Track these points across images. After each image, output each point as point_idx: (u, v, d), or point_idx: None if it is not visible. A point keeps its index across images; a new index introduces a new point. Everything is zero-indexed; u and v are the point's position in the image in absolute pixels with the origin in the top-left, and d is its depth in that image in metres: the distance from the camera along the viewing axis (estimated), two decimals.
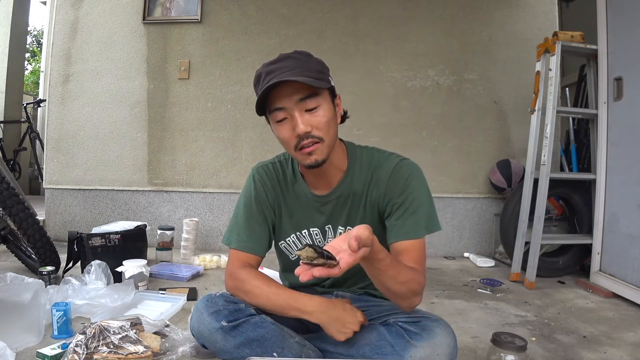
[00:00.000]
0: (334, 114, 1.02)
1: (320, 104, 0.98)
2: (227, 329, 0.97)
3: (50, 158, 3.02)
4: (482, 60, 2.92)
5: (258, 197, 1.12)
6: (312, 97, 0.96)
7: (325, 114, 0.98)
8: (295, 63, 0.97)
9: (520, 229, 2.33)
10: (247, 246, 1.10)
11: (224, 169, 2.95)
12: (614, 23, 2.14)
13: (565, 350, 1.42)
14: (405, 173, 1.05)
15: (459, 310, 1.80)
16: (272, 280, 1.06)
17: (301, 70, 0.96)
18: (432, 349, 0.89)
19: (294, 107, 0.96)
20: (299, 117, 0.96)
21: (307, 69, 0.97)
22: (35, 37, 11.15)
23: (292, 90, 0.95)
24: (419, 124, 2.93)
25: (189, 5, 2.96)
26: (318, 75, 0.98)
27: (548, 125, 2.24)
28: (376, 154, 1.11)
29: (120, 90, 2.98)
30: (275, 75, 0.95)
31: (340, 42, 2.93)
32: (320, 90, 0.98)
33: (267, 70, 0.98)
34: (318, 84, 0.95)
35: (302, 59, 0.99)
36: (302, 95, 0.96)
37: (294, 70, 0.95)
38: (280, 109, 0.97)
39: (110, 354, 1.08)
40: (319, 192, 1.11)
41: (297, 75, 0.94)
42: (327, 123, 0.98)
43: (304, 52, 1.02)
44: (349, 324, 0.96)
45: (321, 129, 0.98)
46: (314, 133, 0.97)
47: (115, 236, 2.07)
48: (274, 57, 1.00)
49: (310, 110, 0.97)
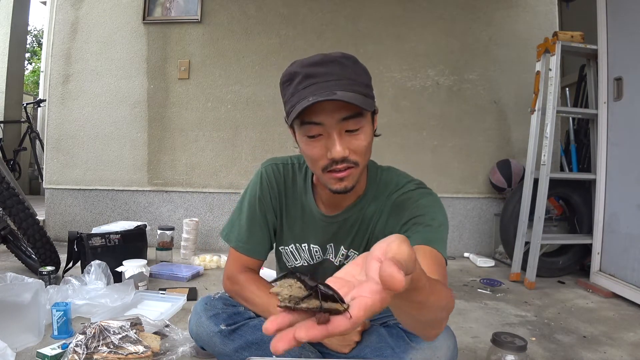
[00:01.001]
0: (373, 135, 0.90)
1: (363, 125, 0.84)
2: (226, 332, 0.96)
3: (50, 158, 3.02)
4: (482, 60, 2.92)
5: (262, 198, 1.05)
6: (356, 117, 0.82)
7: (366, 138, 0.86)
8: (342, 72, 0.82)
9: (520, 229, 2.33)
10: (247, 248, 1.05)
11: (224, 169, 2.95)
12: (614, 23, 2.14)
13: (565, 350, 1.42)
14: (419, 195, 0.94)
15: (459, 311, 1.80)
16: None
17: (349, 83, 0.81)
18: (432, 351, 0.89)
19: (335, 126, 0.82)
20: (338, 139, 0.82)
21: (355, 82, 0.82)
22: (35, 37, 11.15)
23: (335, 107, 0.80)
24: (419, 124, 2.92)
25: (189, 5, 2.96)
26: (366, 91, 0.84)
27: (548, 125, 2.24)
28: (395, 178, 1.00)
29: (120, 90, 2.98)
30: (317, 83, 0.81)
31: (340, 42, 2.92)
32: (366, 111, 0.83)
33: (306, 72, 0.82)
34: (367, 104, 0.81)
35: (350, 67, 0.84)
36: (346, 115, 0.81)
37: (340, 81, 0.81)
38: (316, 124, 0.83)
39: (110, 354, 1.08)
40: (327, 211, 1.01)
41: (346, 88, 0.80)
42: (367, 147, 0.87)
43: (352, 56, 0.86)
44: (350, 336, 0.94)
45: (359, 153, 0.85)
46: (351, 158, 0.84)
47: (115, 236, 2.07)
48: (314, 55, 0.85)
49: (351, 132, 0.84)
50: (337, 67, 0.82)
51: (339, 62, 0.83)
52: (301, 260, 1.07)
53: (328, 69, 0.82)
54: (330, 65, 0.82)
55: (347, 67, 0.83)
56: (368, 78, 0.88)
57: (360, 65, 0.87)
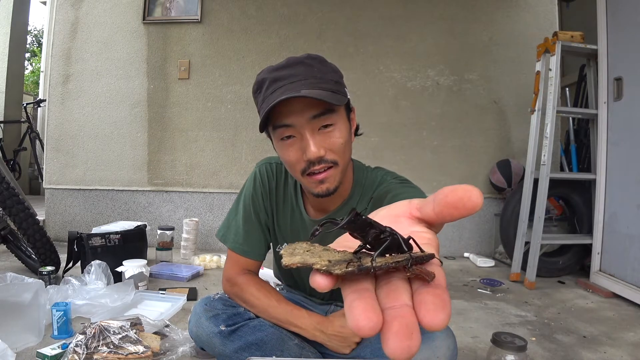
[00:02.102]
0: (350, 132, 0.88)
1: (336, 121, 0.83)
2: (226, 333, 0.96)
3: (50, 158, 3.02)
4: (482, 60, 2.92)
5: (255, 198, 1.04)
6: (327, 114, 0.82)
7: (341, 134, 0.84)
8: (307, 71, 0.82)
9: (520, 229, 2.33)
10: (244, 249, 1.04)
11: (224, 169, 2.95)
12: (614, 23, 2.14)
13: (565, 350, 1.42)
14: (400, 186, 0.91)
15: (459, 311, 1.80)
16: (271, 290, 1.02)
17: (315, 81, 0.81)
18: (432, 351, 0.89)
19: (305, 125, 0.81)
20: (311, 139, 0.81)
21: (322, 80, 0.82)
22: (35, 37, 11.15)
23: (304, 105, 0.80)
24: (419, 124, 2.93)
25: (189, 5, 2.96)
26: (335, 88, 0.83)
27: (548, 125, 2.24)
28: (379, 177, 0.97)
29: (120, 90, 2.98)
30: (283, 85, 0.81)
31: (340, 42, 2.93)
32: (337, 107, 0.83)
33: (272, 77, 0.83)
34: (336, 99, 0.80)
35: (316, 66, 0.84)
36: (315, 112, 0.81)
37: (306, 80, 0.81)
38: (287, 125, 0.82)
39: (110, 354, 1.08)
40: (314, 214, 1.00)
41: (311, 87, 0.79)
42: (344, 144, 0.84)
43: (318, 56, 0.87)
44: (350, 337, 0.94)
45: (336, 151, 0.84)
46: (328, 157, 0.83)
47: (115, 236, 2.07)
48: (281, 61, 0.85)
49: (325, 129, 0.83)
50: (303, 67, 0.82)
51: (305, 63, 0.83)
52: None
53: (293, 71, 0.82)
54: (296, 67, 0.82)
55: (312, 67, 0.83)
56: (338, 75, 0.87)
57: (328, 65, 0.87)
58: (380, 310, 0.26)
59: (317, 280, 0.29)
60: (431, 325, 0.25)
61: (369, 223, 0.30)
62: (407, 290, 0.28)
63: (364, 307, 0.26)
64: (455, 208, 0.31)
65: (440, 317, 0.25)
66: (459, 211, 0.31)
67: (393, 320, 0.25)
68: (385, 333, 0.25)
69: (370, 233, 0.31)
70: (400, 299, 0.27)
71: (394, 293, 0.27)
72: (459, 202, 0.31)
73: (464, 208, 0.31)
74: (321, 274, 0.28)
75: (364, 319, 0.25)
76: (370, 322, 0.25)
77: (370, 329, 0.25)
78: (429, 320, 0.25)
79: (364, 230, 0.31)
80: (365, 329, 0.25)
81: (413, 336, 0.25)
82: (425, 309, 0.26)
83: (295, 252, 0.32)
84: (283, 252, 0.32)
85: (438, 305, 0.26)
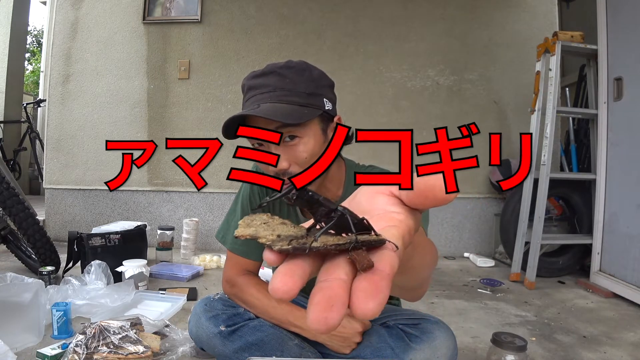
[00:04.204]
0: (322, 144, 0.86)
1: (303, 135, 0.83)
2: (226, 333, 0.96)
3: (50, 158, 3.02)
4: (482, 60, 2.92)
5: (252, 197, 1.04)
6: (289, 126, 0.81)
7: (306, 148, 0.83)
8: (278, 82, 0.82)
9: (520, 229, 2.33)
10: (243, 250, 1.04)
11: (224, 169, 2.94)
12: (614, 23, 2.14)
13: (565, 350, 1.42)
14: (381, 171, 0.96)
15: (459, 311, 1.80)
16: None
17: (283, 94, 0.81)
18: (432, 351, 0.89)
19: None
20: (274, 151, 0.80)
21: (292, 92, 0.82)
22: (35, 37, 11.15)
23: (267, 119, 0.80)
24: (419, 124, 2.92)
25: (189, 5, 2.96)
26: (304, 100, 0.83)
27: (548, 125, 2.24)
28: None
29: (120, 90, 2.98)
30: (253, 96, 0.83)
31: (340, 42, 2.93)
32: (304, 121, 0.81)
33: (249, 84, 0.86)
34: (297, 116, 0.79)
35: (290, 77, 0.83)
36: (277, 124, 0.80)
37: (274, 92, 0.81)
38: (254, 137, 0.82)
39: (110, 354, 1.08)
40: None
41: (276, 100, 0.80)
42: (309, 158, 0.83)
43: (298, 64, 0.86)
44: (351, 337, 0.94)
45: (302, 164, 0.83)
46: (292, 170, 0.83)
47: (115, 236, 2.07)
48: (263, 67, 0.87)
49: (290, 141, 0.82)
50: (275, 78, 0.83)
51: (278, 73, 0.84)
52: None
53: (265, 81, 0.83)
54: (269, 77, 0.83)
55: (285, 77, 0.83)
56: (315, 86, 0.86)
57: (305, 74, 0.85)
58: (299, 279, 0.26)
59: (266, 255, 0.28)
60: (360, 314, 0.24)
61: (316, 200, 0.30)
62: (348, 267, 0.27)
63: (284, 272, 0.26)
64: (426, 197, 0.31)
65: (369, 306, 0.24)
66: (429, 200, 0.31)
67: (317, 292, 0.25)
68: (308, 305, 0.25)
69: (319, 211, 0.30)
70: (334, 274, 0.26)
71: (333, 268, 0.27)
72: (429, 192, 0.31)
73: (434, 198, 0.31)
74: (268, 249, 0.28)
75: (278, 282, 0.26)
76: (285, 286, 0.25)
77: (283, 292, 0.25)
78: (357, 308, 0.24)
79: (311, 207, 0.30)
80: (279, 292, 0.25)
81: (333, 309, 0.24)
82: (356, 296, 0.24)
83: (252, 224, 0.31)
84: (240, 222, 0.32)
85: (369, 293, 0.24)
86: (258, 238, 0.29)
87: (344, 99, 1.06)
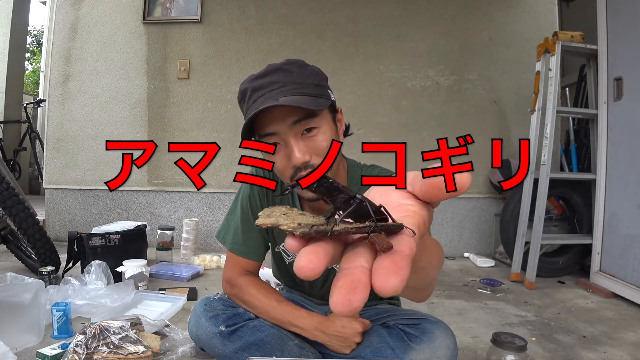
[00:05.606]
0: (336, 133, 0.89)
1: (320, 125, 0.84)
2: (226, 334, 0.96)
3: (50, 158, 3.02)
4: (482, 60, 2.92)
5: (253, 199, 1.03)
6: (308, 118, 0.82)
7: (325, 137, 0.84)
8: (287, 77, 0.83)
9: (520, 229, 2.33)
10: (243, 250, 1.04)
11: (224, 169, 2.95)
12: (614, 23, 2.14)
13: (565, 350, 1.42)
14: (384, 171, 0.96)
15: (459, 311, 1.80)
16: (271, 290, 1.02)
17: (295, 87, 0.82)
18: (432, 351, 0.89)
19: (288, 132, 0.82)
20: (295, 145, 0.82)
21: (302, 84, 0.83)
22: (35, 37, 11.15)
23: (285, 112, 0.81)
24: (419, 124, 2.93)
25: (189, 5, 2.96)
26: (315, 91, 0.84)
27: (548, 125, 2.24)
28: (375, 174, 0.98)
29: (120, 90, 2.98)
30: (263, 94, 0.82)
31: (340, 42, 2.93)
32: (319, 110, 0.83)
33: (253, 86, 0.85)
34: (315, 104, 0.81)
35: (295, 72, 0.85)
36: (296, 118, 0.81)
37: (285, 87, 0.82)
38: (270, 134, 0.83)
39: (110, 354, 1.08)
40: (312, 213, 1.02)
41: (290, 93, 0.81)
42: (329, 147, 0.84)
43: (298, 61, 0.88)
44: (351, 337, 0.94)
45: (322, 155, 0.83)
46: (314, 161, 0.83)
47: (115, 236, 2.07)
48: (262, 69, 0.86)
49: (308, 134, 0.83)
50: (282, 74, 0.84)
51: (284, 69, 0.84)
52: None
53: (272, 78, 0.83)
54: (275, 74, 0.84)
55: (292, 72, 0.84)
56: (319, 78, 0.88)
57: (308, 68, 0.88)
58: (324, 257, 0.27)
59: (288, 242, 0.29)
60: (381, 289, 0.25)
61: (337, 187, 0.31)
62: (368, 255, 0.28)
63: (310, 251, 0.27)
64: (439, 189, 0.32)
65: (391, 282, 0.25)
66: (442, 192, 0.32)
67: (341, 278, 0.26)
68: (332, 289, 0.25)
69: (339, 198, 0.31)
70: (357, 262, 0.27)
71: (354, 256, 0.28)
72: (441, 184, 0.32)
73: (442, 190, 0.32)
74: (290, 236, 0.29)
75: (304, 260, 0.27)
76: (311, 263, 0.26)
77: (310, 270, 0.26)
78: (380, 284, 0.25)
79: (331, 194, 0.31)
80: (305, 269, 0.26)
81: (357, 291, 0.25)
82: (378, 273, 0.25)
83: (272, 215, 0.33)
84: (261, 213, 0.33)
85: (391, 270, 0.25)
86: (279, 226, 0.30)
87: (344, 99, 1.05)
